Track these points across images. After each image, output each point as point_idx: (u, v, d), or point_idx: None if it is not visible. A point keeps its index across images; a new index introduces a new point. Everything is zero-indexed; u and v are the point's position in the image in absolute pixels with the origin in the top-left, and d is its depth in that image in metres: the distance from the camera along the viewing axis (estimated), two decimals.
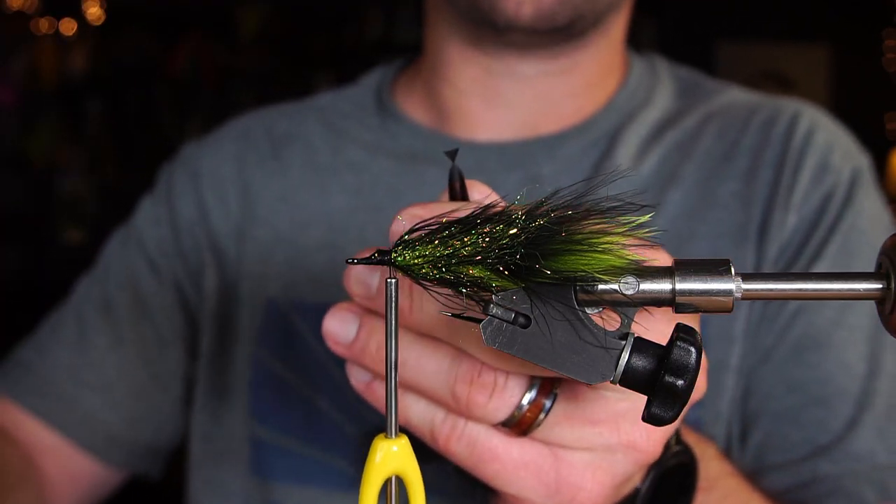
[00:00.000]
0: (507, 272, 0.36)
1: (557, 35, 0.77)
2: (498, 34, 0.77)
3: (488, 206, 0.38)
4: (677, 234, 0.77)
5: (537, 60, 0.80)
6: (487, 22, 0.76)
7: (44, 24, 4.09)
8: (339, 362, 0.79)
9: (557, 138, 0.82)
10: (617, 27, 0.84)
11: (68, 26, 4.13)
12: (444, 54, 0.84)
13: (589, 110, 0.84)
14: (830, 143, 0.80)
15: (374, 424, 0.47)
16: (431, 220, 0.38)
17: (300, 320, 0.80)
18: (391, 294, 0.37)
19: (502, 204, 0.38)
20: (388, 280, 0.37)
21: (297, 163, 0.88)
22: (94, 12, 4.15)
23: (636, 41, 0.91)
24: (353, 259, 0.38)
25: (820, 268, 0.74)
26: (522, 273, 0.36)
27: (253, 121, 0.93)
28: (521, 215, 0.37)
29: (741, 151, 0.80)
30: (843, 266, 0.74)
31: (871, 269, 0.43)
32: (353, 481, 0.77)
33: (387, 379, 0.38)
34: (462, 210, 0.38)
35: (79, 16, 4.14)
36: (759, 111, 0.83)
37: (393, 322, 0.37)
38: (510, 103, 0.82)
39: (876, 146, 0.87)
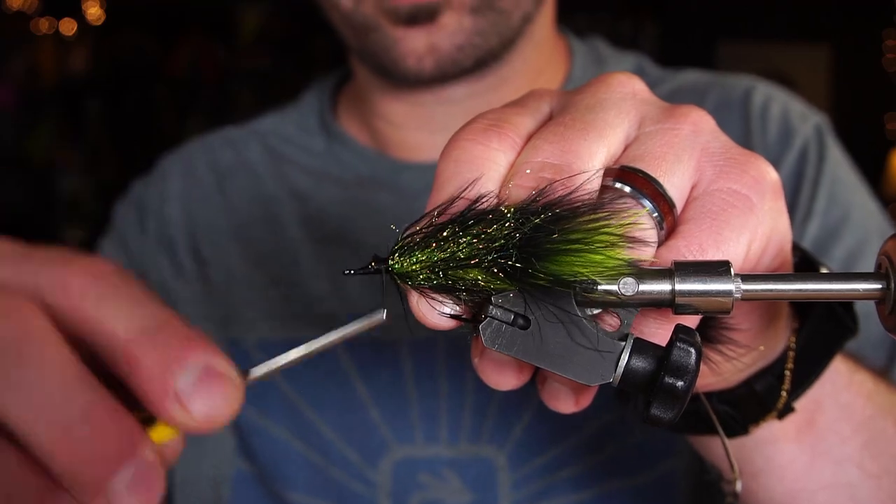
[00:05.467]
0: (503, 275, 0.36)
1: (472, 72, 0.77)
2: (412, 86, 0.78)
3: (480, 199, 0.37)
4: None
5: (464, 84, 0.80)
6: (398, 80, 0.77)
7: (44, 24, 4.09)
8: (315, 404, 0.79)
9: None
10: (541, 26, 0.82)
11: (68, 26, 4.13)
12: (372, 93, 0.83)
13: None
14: (786, 108, 0.82)
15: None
16: (423, 224, 0.38)
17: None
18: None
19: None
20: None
21: (244, 197, 0.86)
22: (94, 12, 4.15)
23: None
24: (350, 270, 0.38)
25: (813, 225, 0.76)
26: (519, 275, 0.36)
27: (196, 153, 0.91)
28: (515, 214, 0.36)
29: None
30: (834, 216, 0.76)
31: (858, 220, 0.43)
32: None
33: None
34: (456, 205, 0.38)
35: (79, 16, 4.14)
36: (711, 91, 0.84)
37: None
38: (447, 127, 0.80)
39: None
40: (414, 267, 0.37)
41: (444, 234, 0.37)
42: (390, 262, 0.37)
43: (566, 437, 0.74)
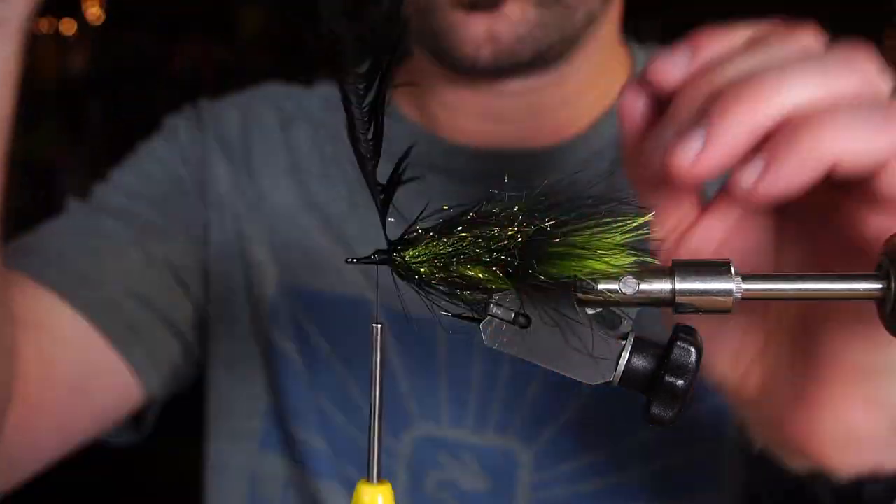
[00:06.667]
0: (504, 275, 0.36)
1: (530, 66, 0.75)
2: (467, 73, 0.76)
3: (485, 201, 0.38)
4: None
5: (521, 79, 0.77)
6: (453, 67, 0.75)
7: (44, 24, 4.09)
8: (349, 366, 0.79)
9: (562, 149, 0.79)
10: (607, 25, 0.80)
11: (68, 26, 4.14)
12: (425, 73, 0.81)
13: (588, 116, 0.81)
14: None
15: None
16: (428, 217, 0.38)
17: (301, 308, 0.80)
18: (376, 340, 0.37)
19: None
20: (374, 325, 0.37)
21: (306, 142, 0.85)
22: (94, 12, 4.15)
23: (637, 42, 0.89)
24: (353, 259, 0.39)
25: None
26: (519, 276, 0.36)
27: (254, 97, 0.90)
28: (519, 216, 0.37)
29: None
30: None
31: None
32: (355, 477, 0.77)
33: (370, 424, 0.38)
34: None
35: (79, 16, 4.14)
36: None
37: (378, 369, 0.37)
38: (501, 117, 0.80)
39: None
40: (417, 260, 0.37)
41: (450, 229, 0.37)
42: (394, 254, 0.37)
43: (597, 448, 0.74)
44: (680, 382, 0.36)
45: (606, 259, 0.36)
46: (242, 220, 0.83)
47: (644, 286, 0.37)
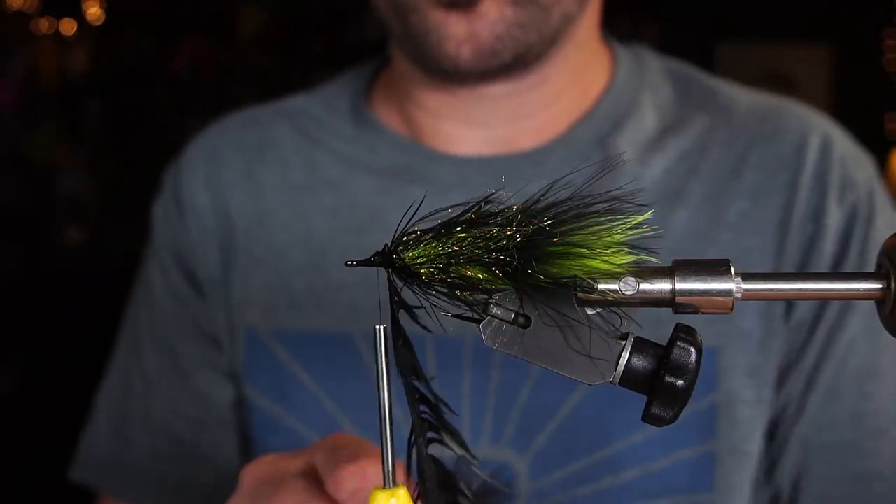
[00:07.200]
0: (504, 275, 0.36)
1: (511, 68, 0.76)
2: (450, 77, 0.77)
3: (483, 201, 0.38)
4: (685, 257, 0.75)
5: (503, 83, 0.78)
6: (436, 69, 0.75)
7: (44, 24, 4.09)
8: (330, 392, 0.79)
9: (541, 152, 0.80)
10: (585, 26, 0.81)
11: (68, 26, 4.13)
12: (409, 80, 0.82)
13: (568, 117, 0.82)
14: (845, 156, 0.79)
15: None
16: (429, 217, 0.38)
17: (283, 350, 0.79)
18: (380, 340, 0.38)
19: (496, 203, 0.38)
20: (377, 326, 0.38)
21: (272, 182, 0.85)
22: (94, 12, 4.14)
23: (638, 43, 0.89)
24: (352, 262, 0.39)
25: None
26: (519, 276, 0.36)
27: (219, 136, 0.90)
28: (518, 216, 0.37)
29: (749, 166, 0.78)
30: None
31: None
32: None
33: (381, 429, 0.38)
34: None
35: (79, 16, 4.14)
36: (765, 121, 0.81)
37: (384, 370, 0.38)
38: (484, 123, 0.81)
39: (876, 146, 0.86)
40: (417, 261, 0.37)
41: (449, 230, 0.37)
42: (393, 257, 0.37)
43: (589, 453, 0.74)
44: (680, 382, 0.36)
45: (606, 258, 0.36)
46: (225, 294, 0.84)
47: (644, 286, 0.37)
